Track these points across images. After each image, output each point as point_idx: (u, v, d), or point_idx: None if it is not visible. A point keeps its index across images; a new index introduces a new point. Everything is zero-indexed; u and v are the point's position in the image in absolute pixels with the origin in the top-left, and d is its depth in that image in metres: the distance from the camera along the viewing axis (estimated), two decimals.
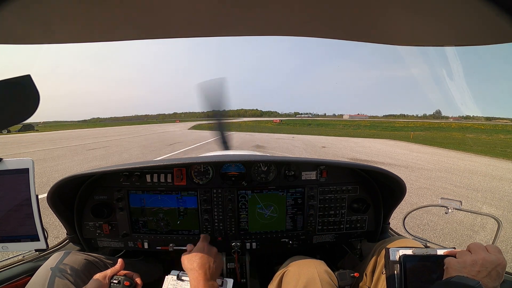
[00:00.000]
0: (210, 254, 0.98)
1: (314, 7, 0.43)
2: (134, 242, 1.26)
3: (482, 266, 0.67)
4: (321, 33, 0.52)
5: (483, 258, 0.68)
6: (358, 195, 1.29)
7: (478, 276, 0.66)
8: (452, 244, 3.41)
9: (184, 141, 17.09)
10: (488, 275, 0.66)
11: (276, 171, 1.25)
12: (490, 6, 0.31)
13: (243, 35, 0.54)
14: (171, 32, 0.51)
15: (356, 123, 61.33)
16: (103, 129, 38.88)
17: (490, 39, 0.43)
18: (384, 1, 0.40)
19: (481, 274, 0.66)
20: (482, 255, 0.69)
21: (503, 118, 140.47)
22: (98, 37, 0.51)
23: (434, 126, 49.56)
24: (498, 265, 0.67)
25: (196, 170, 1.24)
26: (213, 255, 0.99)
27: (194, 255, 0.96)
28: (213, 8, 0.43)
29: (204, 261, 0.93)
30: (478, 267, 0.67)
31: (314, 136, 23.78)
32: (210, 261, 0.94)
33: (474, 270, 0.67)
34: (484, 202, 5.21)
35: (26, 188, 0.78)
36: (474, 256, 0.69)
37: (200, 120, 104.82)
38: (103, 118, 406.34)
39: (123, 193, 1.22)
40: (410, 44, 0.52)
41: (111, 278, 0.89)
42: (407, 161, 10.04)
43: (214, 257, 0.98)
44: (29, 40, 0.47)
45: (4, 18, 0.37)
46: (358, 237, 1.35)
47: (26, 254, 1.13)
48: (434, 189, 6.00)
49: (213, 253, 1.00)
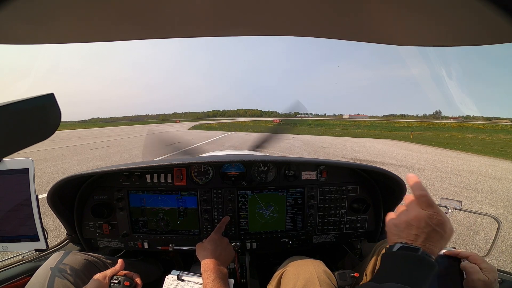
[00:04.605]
0: (222, 243, 1.05)
1: (314, 7, 0.43)
2: (134, 242, 1.26)
3: (418, 229, 0.56)
4: (321, 33, 0.52)
5: (416, 217, 0.57)
6: (358, 195, 1.29)
7: (417, 241, 0.55)
8: (452, 244, 3.40)
9: (184, 141, 17.09)
10: (428, 238, 0.55)
11: (276, 171, 1.25)
12: (490, 6, 0.31)
13: (243, 35, 0.54)
14: (171, 32, 0.51)
15: (356, 123, 61.32)
16: (103, 129, 38.87)
17: (490, 39, 0.43)
18: (384, 1, 0.40)
19: (420, 238, 0.55)
20: (413, 214, 0.58)
21: (503, 118, 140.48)
22: (98, 37, 0.51)
23: (434, 126, 49.57)
24: (436, 225, 0.55)
25: (196, 170, 1.24)
26: (224, 244, 1.06)
27: (206, 243, 1.03)
28: (213, 8, 0.43)
29: (215, 248, 0.99)
30: (415, 230, 0.56)
31: (314, 136, 23.78)
32: (222, 249, 1.01)
33: (411, 233, 0.56)
34: (484, 202, 5.21)
35: (26, 188, 0.78)
36: (407, 215, 0.59)
37: (200, 120, 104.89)
38: (103, 118, 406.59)
39: (123, 193, 1.22)
40: (410, 44, 0.52)
41: (111, 278, 0.89)
42: (407, 161, 10.04)
43: (225, 246, 1.05)
44: (29, 40, 0.47)
45: (4, 18, 0.37)
46: (358, 237, 1.35)
47: (26, 254, 1.13)
48: (434, 189, 5.99)
49: (225, 243, 1.07)
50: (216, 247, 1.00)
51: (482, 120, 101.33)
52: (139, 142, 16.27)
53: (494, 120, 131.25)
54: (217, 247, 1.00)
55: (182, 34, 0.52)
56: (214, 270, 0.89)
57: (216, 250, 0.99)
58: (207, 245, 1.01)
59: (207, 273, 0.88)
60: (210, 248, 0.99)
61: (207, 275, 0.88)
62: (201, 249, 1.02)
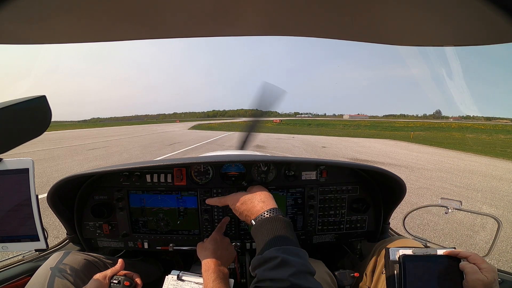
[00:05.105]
0: (223, 243, 1.04)
1: (314, 7, 0.43)
2: (134, 242, 1.26)
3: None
4: (321, 33, 0.52)
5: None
6: (358, 195, 1.29)
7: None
8: (452, 244, 3.41)
9: (184, 141, 17.09)
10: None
11: (276, 171, 1.25)
12: (490, 6, 0.31)
13: (243, 35, 0.54)
14: (171, 32, 0.51)
15: (356, 123, 61.32)
16: (103, 129, 38.88)
17: (490, 39, 0.43)
18: (384, 1, 0.40)
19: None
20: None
21: (503, 118, 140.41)
22: (98, 37, 0.51)
23: (434, 126, 49.56)
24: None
25: (196, 170, 1.24)
26: (225, 244, 1.04)
27: (207, 243, 1.02)
28: (213, 8, 0.43)
29: (216, 248, 0.98)
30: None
31: (314, 136, 23.78)
32: (222, 249, 1.00)
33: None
34: (484, 202, 5.21)
35: (26, 188, 0.78)
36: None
37: (200, 120, 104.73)
38: (103, 118, 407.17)
39: (123, 193, 1.22)
40: (410, 44, 0.52)
41: (111, 278, 0.89)
42: (407, 161, 10.04)
43: (226, 246, 1.03)
44: (29, 40, 0.47)
45: (4, 18, 0.37)
46: (358, 237, 1.35)
47: (26, 254, 1.13)
48: (434, 189, 6.00)
49: (226, 243, 1.05)
50: (217, 247, 1.00)
51: (482, 120, 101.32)
52: (139, 142, 16.28)
53: (494, 120, 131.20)
54: (218, 247, 1.00)
55: (182, 34, 0.52)
56: (215, 270, 0.89)
57: (217, 250, 0.98)
58: (208, 245, 1.01)
59: (208, 273, 0.88)
60: (211, 248, 0.99)
61: (208, 275, 0.87)
62: (202, 249, 1.01)
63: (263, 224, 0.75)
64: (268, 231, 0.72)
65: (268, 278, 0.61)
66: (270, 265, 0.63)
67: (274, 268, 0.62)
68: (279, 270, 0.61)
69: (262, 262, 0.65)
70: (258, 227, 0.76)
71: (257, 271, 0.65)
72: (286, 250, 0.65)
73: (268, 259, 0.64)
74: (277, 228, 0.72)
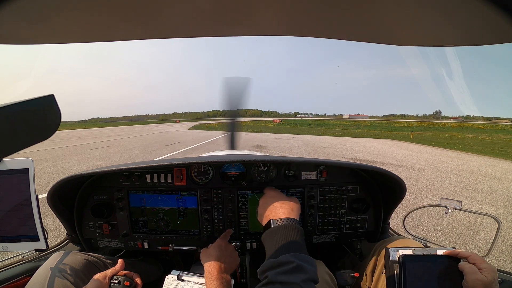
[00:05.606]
0: (227, 250, 1.04)
1: (314, 7, 0.43)
2: (134, 242, 1.26)
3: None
4: (321, 33, 0.52)
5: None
6: (358, 195, 1.29)
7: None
8: (452, 244, 3.41)
9: (184, 141, 17.09)
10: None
11: (276, 171, 1.25)
12: (490, 6, 0.31)
13: (243, 35, 0.54)
14: (170, 32, 0.51)
15: (356, 123, 61.30)
16: (103, 129, 38.88)
17: (490, 39, 0.43)
18: (384, 1, 0.40)
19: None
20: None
21: (503, 118, 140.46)
22: (98, 37, 0.51)
23: (434, 126, 49.55)
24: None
25: (196, 170, 1.24)
26: (229, 251, 1.05)
27: (211, 249, 1.02)
28: (213, 8, 0.43)
29: (220, 255, 0.98)
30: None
31: (314, 136, 23.77)
32: (226, 257, 1.00)
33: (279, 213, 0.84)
34: (484, 202, 5.21)
35: (26, 188, 0.78)
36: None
37: (200, 120, 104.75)
38: (103, 118, 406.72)
39: (123, 193, 1.22)
40: (410, 44, 0.52)
41: (111, 278, 0.89)
42: (407, 161, 10.04)
43: (230, 253, 1.04)
44: (29, 40, 0.47)
45: (4, 18, 0.37)
46: (358, 237, 1.34)
47: (26, 254, 1.13)
48: (434, 189, 6.00)
49: (229, 250, 1.06)
50: (221, 254, 0.99)
51: (482, 120, 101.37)
52: (139, 142, 16.27)
53: (494, 120, 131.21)
54: (222, 254, 0.99)
55: (182, 34, 0.52)
56: (218, 277, 0.89)
57: (221, 257, 0.98)
58: (212, 251, 1.00)
59: (211, 281, 0.88)
60: (214, 254, 0.98)
61: (211, 282, 0.87)
62: (205, 255, 1.01)
63: (280, 229, 0.78)
64: (284, 237, 0.75)
65: (279, 281, 0.63)
66: (283, 269, 0.65)
67: (287, 272, 0.64)
68: (293, 275, 0.63)
69: (276, 265, 0.67)
70: (274, 231, 0.79)
71: (268, 273, 0.67)
72: (301, 257, 0.68)
73: (283, 263, 0.66)
74: (292, 235, 0.76)
